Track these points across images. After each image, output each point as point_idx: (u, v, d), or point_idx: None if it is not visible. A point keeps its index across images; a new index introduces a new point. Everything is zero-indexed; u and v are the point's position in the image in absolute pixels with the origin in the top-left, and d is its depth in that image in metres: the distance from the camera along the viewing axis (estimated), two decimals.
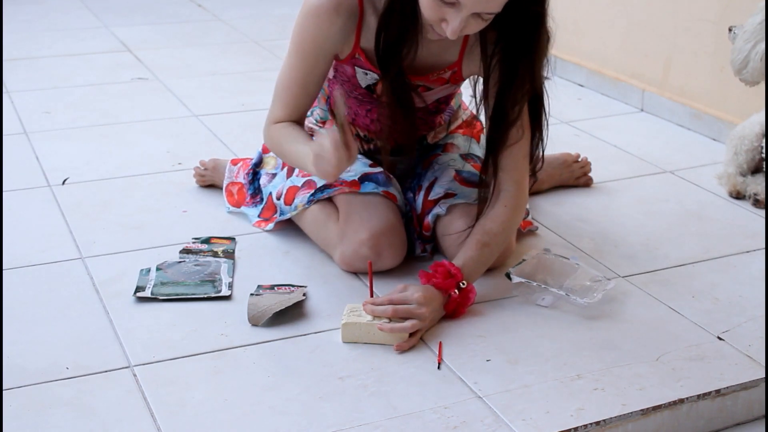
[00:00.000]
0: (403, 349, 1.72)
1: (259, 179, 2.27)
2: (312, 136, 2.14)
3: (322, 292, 1.92)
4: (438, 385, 1.62)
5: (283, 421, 1.52)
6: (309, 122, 2.17)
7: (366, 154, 2.14)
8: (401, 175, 2.17)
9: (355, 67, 1.94)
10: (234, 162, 2.37)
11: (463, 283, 1.80)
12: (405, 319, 1.73)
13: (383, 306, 1.75)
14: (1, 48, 3.65)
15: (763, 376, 1.65)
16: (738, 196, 2.38)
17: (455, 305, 1.81)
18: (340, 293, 1.91)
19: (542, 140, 1.94)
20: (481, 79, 1.90)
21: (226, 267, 2.00)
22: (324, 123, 2.17)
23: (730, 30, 2.34)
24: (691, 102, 2.92)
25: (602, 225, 2.25)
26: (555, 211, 2.32)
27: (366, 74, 1.94)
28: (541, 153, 1.96)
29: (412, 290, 1.78)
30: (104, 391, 1.60)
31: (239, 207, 2.28)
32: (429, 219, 2.03)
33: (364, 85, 1.97)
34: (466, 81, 2.01)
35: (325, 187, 2.04)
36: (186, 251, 2.07)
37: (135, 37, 3.96)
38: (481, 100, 1.90)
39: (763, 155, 2.39)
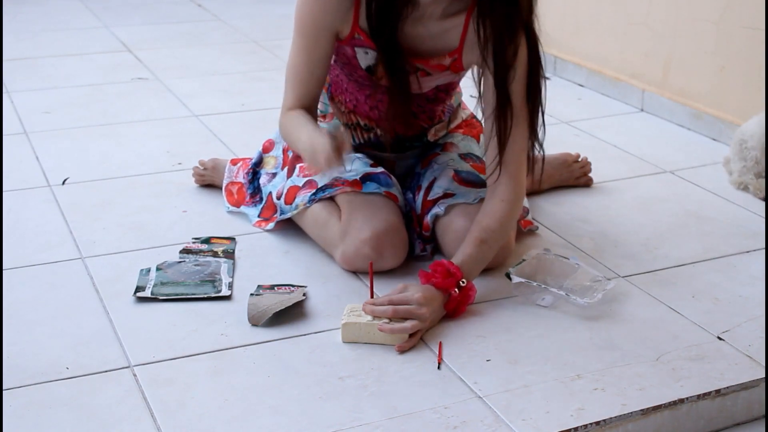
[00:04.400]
0: (404, 349, 1.72)
1: (258, 179, 2.27)
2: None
3: (322, 292, 1.92)
4: (438, 385, 1.62)
5: (283, 421, 1.52)
6: None
7: (365, 144, 2.13)
8: (401, 174, 2.17)
9: (355, 48, 1.95)
10: (234, 162, 2.37)
11: (463, 282, 1.81)
12: (405, 319, 1.73)
13: (383, 306, 1.75)
14: (1, 48, 3.65)
15: (763, 376, 1.65)
16: None
17: (456, 304, 1.81)
18: (340, 293, 1.91)
19: (542, 119, 1.91)
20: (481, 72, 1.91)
21: (226, 267, 2.00)
22: (324, 117, 2.17)
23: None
24: (691, 102, 2.92)
25: (602, 225, 2.25)
26: (555, 211, 2.32)
27: (366, 53, 1.94)
28: (542, 131, 1.93)
29: (412, 290, 1.78)
30: (104, 391, 1.60)
31: (239, 206, 2.28)
32: (428, 219, 2.03)
33: (364, 66, 1.97)
34: (468, 80, 2.01)
35: (326, 186, 2.04)
36: (186, 251, 2.07)
37: (135, 37, 3.96)
38: (480, 80, 1.91)
39: None
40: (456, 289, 1.80)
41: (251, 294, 1.89)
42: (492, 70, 1.87)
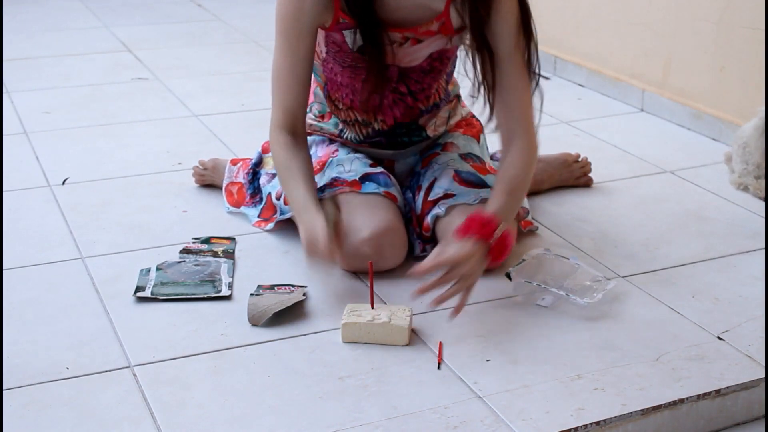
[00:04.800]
0: (459, 311, 1.74)
1: (258, 179, 2.27)
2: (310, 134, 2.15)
3: (322, 292, 1.92)
4: (438, 385, 1.62)
5: (283, 421, 1.52)
6: (308, 118, 2.17)
7: (365, 139, 2.13)
8: (401, 174, 2.17)
9: (343, 32, 1.95)
10: (234, 162, 2.37)
11: (500, 229, 1.82)
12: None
13: (434, 281, 1.75)
14: (1, 48, 3.65)
15: (763, 376, 1.65)
16: None
17: (497, 252, 1.81)
18: (340, 293, 1.91)
19: (536, 50, 1.95)
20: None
21: (226, 267, 2.00)
22: (323, 117, 2.17)
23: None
24: (691, 102, 2.92)
25: (602, 225, 2.25)
26: (555, 211, 2.32)
27: (355, 33, 1.95)
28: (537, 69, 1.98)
29: (452, 249, 1.77)
30: (104, 391, 1.60)
31: (239, 207, 2.28)
32: (428, 220, 2.03)
33: (354, 48, 1.97)
34: (468, 79, 2.01)
35: (325, 187, 2.04)
36: (186, 251, 2.07)
37: (135, 37, 3.97)
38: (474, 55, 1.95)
39: None
40: (494, 238, 1.80)
41: (251, 294, 1.89)
42: (468, 14, 1.90)
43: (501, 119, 1.96)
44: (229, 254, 2.07)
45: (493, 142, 2.53)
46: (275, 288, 1.91)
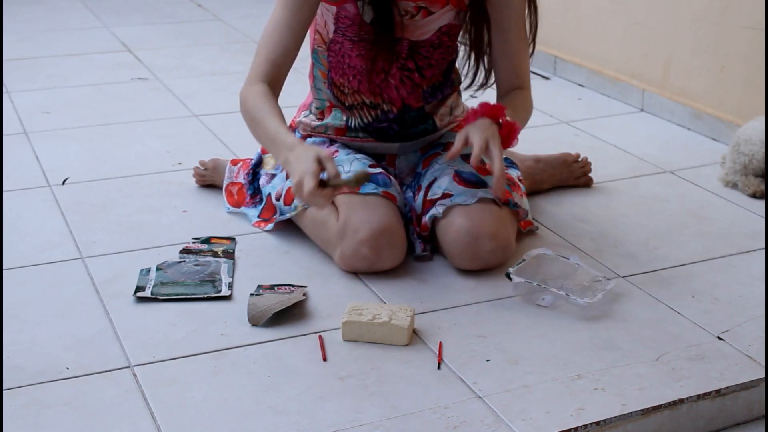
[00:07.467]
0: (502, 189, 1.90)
1: (258, 180, 2.27)
2: (297, 132, 2.15)
3: (322, 292, 1.92)
4: (438, 385, 1.62)
5: (283, 421, 1.52)
6: (308, 119, 2.18)
7: (373, 123, 2.13)
8: (402, 171, 2.17)
9: (357, 2, 1.97)
10: (234, 162, 2.37)
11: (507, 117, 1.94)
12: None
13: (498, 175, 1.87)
14: (1, 48, 3.65)
15: (763, 376, 1.66)
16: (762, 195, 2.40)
17: (507, 132, 1.92)
18: (340, 293, 1.91)
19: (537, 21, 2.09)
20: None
21: (226, 267, 2.00)
22: (323, 113, 2.16)
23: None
24: (691, 102, 2.92)
25: (602, 225, 2.25)
26: (555, 211, 2.32)
27: (368, 4, 1.97)
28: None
29: (472, 134, 1.89)
30: (104, 391, 1.60)
31: (239, 207, 2.28)
32: (426, 219, 2.03)
33: (369, 20, 1.99)
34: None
35: None
36: (186, 251, 2.07)
37: (135, 37, 3.96)
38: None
39: None
40: (502, 119, 1.92)
41: (251, 294, 1.89)
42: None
43: (504, 77, 2.10)
44: (229, 254, 2.07)
45: None
46: (275, 288, 1.91)
